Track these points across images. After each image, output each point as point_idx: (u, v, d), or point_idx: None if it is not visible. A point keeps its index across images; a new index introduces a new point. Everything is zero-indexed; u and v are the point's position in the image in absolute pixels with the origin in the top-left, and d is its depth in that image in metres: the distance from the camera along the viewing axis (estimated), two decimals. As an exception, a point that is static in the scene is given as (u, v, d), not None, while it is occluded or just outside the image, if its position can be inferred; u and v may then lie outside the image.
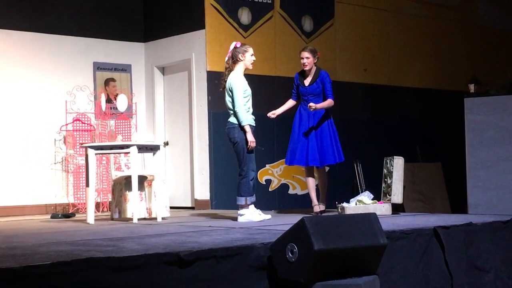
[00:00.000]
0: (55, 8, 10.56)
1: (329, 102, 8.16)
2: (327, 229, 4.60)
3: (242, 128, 7.25)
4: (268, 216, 7.36)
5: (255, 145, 7.26)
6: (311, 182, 8.37)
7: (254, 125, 7.41)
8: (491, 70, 12.90)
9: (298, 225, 4.61)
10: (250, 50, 7.43)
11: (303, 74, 8.31)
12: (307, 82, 8.29)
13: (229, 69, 7.41)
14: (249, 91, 7.37)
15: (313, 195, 8.36)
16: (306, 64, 8.20)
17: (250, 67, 7.49)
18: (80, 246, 4.96)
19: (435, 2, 13.10)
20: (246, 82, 7.38)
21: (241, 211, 7.27)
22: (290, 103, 8.41)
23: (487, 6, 13.84)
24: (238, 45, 7.43)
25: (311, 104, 7.94)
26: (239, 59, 7.37)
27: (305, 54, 8.22)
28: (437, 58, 13.04)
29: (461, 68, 13.03)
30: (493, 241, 6.24)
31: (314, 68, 8.27)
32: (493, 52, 13.70)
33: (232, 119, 7.34)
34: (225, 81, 7.41)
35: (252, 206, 7.29)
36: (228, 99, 7.37)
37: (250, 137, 7.22)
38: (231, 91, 7.30)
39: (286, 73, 10.70)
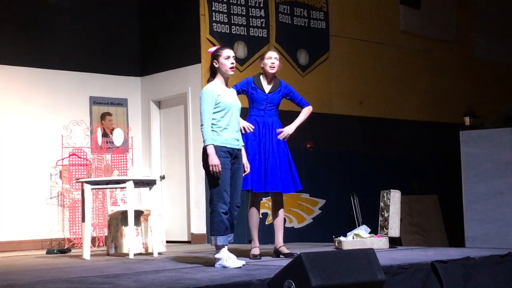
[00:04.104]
0: (51, 43, 10.60)
1: (309, 111, 7.05)
2: (325, 265, 4.58)
3: (204, 149, 6.02)
4: (243, 262, 5.99)
5: (218, 169, 5.90)
6: (256, 216, 6.93)
7: (236, 147, 6.13)
8: (486, 103, 12.95)
9: (296, 261, 4.59)
10: (225, 53, 6.12)
11: (260, 79, 6.92)
12: (267, 88, 6.89)
13: (208, 80, 6.27)
14: (226, 104, 6.06)
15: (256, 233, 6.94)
16: (275, 66, 6.85)
17: (230, 72, 6.12)
18: (75, 284, 4.92)
19: (430, 35, 13.19)
20: (223, 94, 6.08)
21: (216, 255, 6.00)
22: None
23: (482, 39, 13.94)
24: (211, 51, 6.27)
25: (284, 132, 6.79)
26: (214, 66, 6.16)
27: (275, 54, 6.91)
28: (432, 91, 13.10)
29: (456, 101, 13.08)
30: (491, 275, 6.21)
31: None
32: (488, 85, 13.78)
33: None
34: None
35: (224, 250, 5.97)
36: None
37: (211, 159, 5.90)
38: None
39: (282, 106, 10.66)
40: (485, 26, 14.02)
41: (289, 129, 6.91)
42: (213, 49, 6.31)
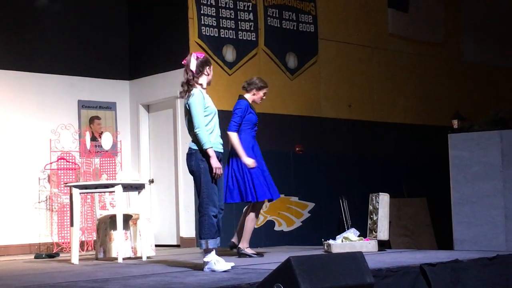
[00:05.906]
0: (39, 47, 10.57)
1: None
2: (314, 269, 4.58)
3: (204, 152, 5.98)
4: (232, 264, 6.06)
5: (221, 172, 6.00)
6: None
7: (221, 150, 6.18)
8: (474, 106, 12.99)
9: (285, 265, 4.58)
10: (210, 61, 6.35)
11: (250, 104, 7.75)
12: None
13: (191, 84, 6.14)
14: (211, 109, 6.11)
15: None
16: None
17: (210, 83, 6.33)
18: (64, 288, 4.91)
19: (418, 39, 13.22)
20: (207, 99, 6.14)
21: (205, 258, 5.99)
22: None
23: (470, 42, 13.98)
24: (201, 56, 6.23)
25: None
26: (206, 73, 6.21)
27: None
28: (421, 94, 13.12)
29: (444, 104, 13.11)
30: (480, 278, 6.23)
31: None
32: (476, 87, 13.81)
33: (192, 145, 6.11)
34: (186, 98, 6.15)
35: (213, 253, 5.97)
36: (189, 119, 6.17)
37: (213, 162, 5.94)
38: (189, 108, 6.09)
39: (271, 109, 10.73)
40: (473, 29, 14.06)
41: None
42: (201, 54, 6.29)
